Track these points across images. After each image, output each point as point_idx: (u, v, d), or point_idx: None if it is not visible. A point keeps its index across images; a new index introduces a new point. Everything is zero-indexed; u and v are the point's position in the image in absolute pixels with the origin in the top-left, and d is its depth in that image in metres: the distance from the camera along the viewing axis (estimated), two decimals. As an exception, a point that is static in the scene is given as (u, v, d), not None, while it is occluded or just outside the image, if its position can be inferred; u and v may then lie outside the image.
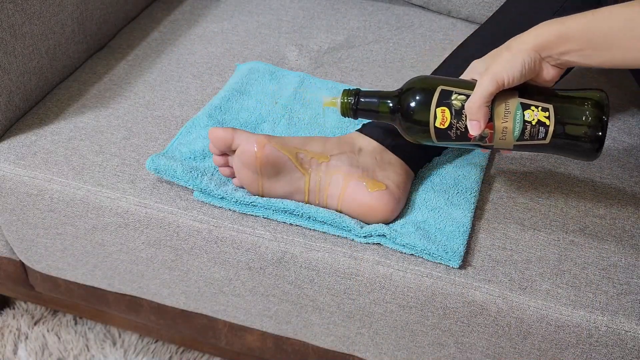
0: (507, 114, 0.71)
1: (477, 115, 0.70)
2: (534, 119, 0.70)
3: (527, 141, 0.71)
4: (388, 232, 0.80)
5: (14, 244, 1.00)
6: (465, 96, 0.72)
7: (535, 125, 0.70)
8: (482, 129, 0.71)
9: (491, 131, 0.72)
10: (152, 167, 0.87)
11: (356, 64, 1.10)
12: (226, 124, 0.96)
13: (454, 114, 0.72)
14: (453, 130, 0.73)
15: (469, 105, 0.71)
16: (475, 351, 0.83)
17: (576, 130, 0.70)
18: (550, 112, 0.70)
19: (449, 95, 0.72)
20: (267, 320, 0.93)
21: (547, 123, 0.70)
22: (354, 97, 0.77)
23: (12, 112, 0.97)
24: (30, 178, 0.91)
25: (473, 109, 0.70)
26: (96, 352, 1.19)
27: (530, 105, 0.70)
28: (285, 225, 0.84)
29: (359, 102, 0.77)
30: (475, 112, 0.70)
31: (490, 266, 0.80)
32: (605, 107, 0.70)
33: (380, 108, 0.77)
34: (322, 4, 1.26)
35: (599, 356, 0.77)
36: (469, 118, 0.71)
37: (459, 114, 0.72)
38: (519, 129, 0.71)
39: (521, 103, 0.71)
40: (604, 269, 0.80)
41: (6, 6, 0.91)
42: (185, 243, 0.87)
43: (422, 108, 0.73)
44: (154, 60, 1.10)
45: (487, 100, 0.70)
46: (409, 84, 0.76)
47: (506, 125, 0.71)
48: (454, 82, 0.74)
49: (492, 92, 0.69)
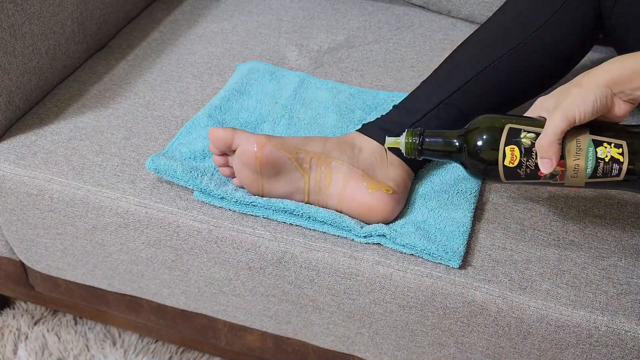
0: (578, 151, 0.70)
1: (549, 152, 0.69)
2: (607, 155, 0.69)
3: (600, 179, 0.70)
4: (388, 232, 0.80)
5: (14, 244, 1.00)
6: (534, 134, 0.71)
7: (609, 162, 0.69)
8: (554, 167, 0.69)
9: (562, 169, 0.70)
10: (152, 167, 0.87)
11: (356, 64, 1.10)
12: (226, 124, 0.96)
13: (524, 152, 0.71)
14: (523, 168, 0.71)
15: (540, 142, 0.69)
16: (475, 351, 0.83)
17: None
18: (624, 148, 0.69)
19: (517, 133, 0.71)
20: (267, 320, 0.93)
21: (620, 160, 0.69)
22: (419, 137, 0.76)
23: (12, 112, 0.97)
24: (30, 178, 0.91)
25: (544, 147, 0.69)
26: (96, 352, 1.19)
27: (602, 142, 0.69)
28: (285, 225, 0.84)
29: (424, 142, 0.76)
30: (546, 149, 0.69)
31: (490, 266, 0.80)
32: None
33: (446, 147, 0.75)
34: (322, 4, 1.26)
35: (599, 356, 0.77)
36: (540, 156, 0.70)
37: (528, 152, 0.71)
38: (591, 166, 0.70)
39: (593, 140, 0.69)
40: (604, 269, 0.80)
41: (6, 6, 0.91)
42: (185, 243, 0.87)
43: (490, 147, 0.72)
44: (154, 60, 1.10)
45: (559, 138, 0.68)
46: (475, 124, 0.74)
47: (578, 162, 0.70)
48: (522, 120, 0.73)
49: (563, 129, 0.68)
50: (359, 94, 1.02)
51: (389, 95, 1.01)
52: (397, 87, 1.05)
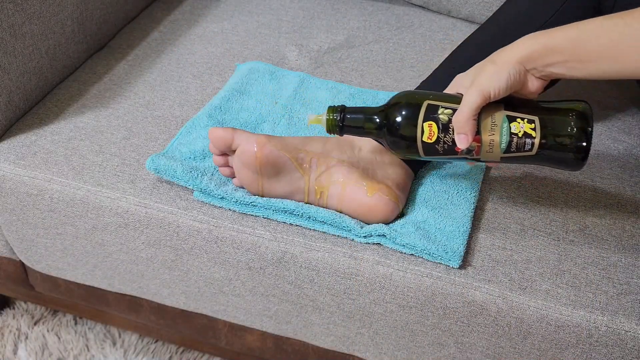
0: (493, 127, 0.71)
1: (465, 128, 0.71)
2: (520, 131, 0.71)
3: (514, 153, 0.72)
4: (388, 232, 0.80)
5: (14, 244, 1.00)
6: (451, 110, 0.72)
7: (522, 137, 0.71)
8: (470, 142, 0.71)
9: (478, 144, 0.72)
10: (152, 167, 0.87)
11: (356, 64, 1.10)
12: (226, 124, 0.96)
13: (441, 128, 0.73)
14: (440, 144, 0.73)
15: (456, 118, 0.71)
16: (475, 351, 0.83)
17: (561, 141, 0.71)
18: (536, 123, 0.71)
19: (435, 109, 0.73)
20: (267, 320, 0.93)
21: (533, 135, 0.71)
22: (340, 113, 0.77)
23: (12, 112, 0.97)
24: (30, 178, 0.91)
25: (460, 123, 0.71)
26: (96, 352, 1.19)
27: (516, 117, 0.71)
28: (285, 225, 0.84)
29: (344, 118, 0.77)
30: (462, 125, 0.71)
31: (490, 266, 0.80)
32: (589, 117, 0.71)
33: (366, 124, 0.77)
34: (322, 4, 1.26)
35: (599, 356, 0.77)
36: (456, 132, 0.72)
37: (446, 128, 0.73)
38: (505, 141, 0.71)
39: (507, 116, 0.71)
40: (604, 269, 0.80)
41: (6, 6, 0.91)
42: (185, 243, 0.87)
43: (409, 123, 0.74)
44: (154, 60, 1.10)
45: (474, 114, 0.70)
46: (394, 99, 0.76)
47: (493, 138, 0.72)
48: (440, 96, 0.75)
49: (478, 105, 0.70)
50: (359, 94, 1.02)
51: (388, 95, 1.01)
52: (397, 87, 1.05)
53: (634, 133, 0.99)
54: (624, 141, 0.98)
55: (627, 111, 1.04)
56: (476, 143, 0.72)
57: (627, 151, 0.96)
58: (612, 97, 1.06)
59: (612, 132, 0.99)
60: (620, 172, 0.92)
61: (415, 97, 0.75)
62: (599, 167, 0.93)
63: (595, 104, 1.04)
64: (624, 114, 1.03)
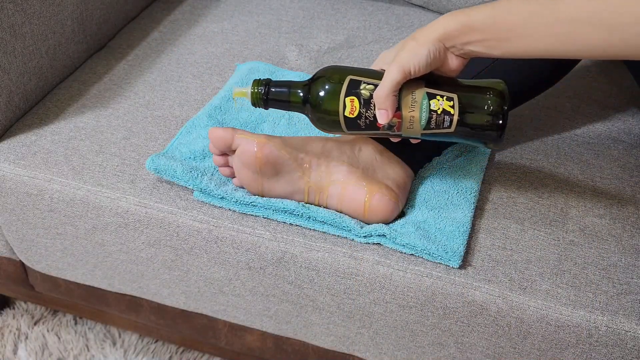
0: (414, 103, 0.72)
1: (385, 104, 0.72)
2: (439, 108, 0.72)
3: (434, 130, 0.73)
4: (388, 232, 0.80)
5: (14, 244, 1.00)
6: (373, 86, 0.73)
7: (441, 114, 0.72)
8: (390, 118, 0.72)
9: (399, 120, 0.73)
10: (152, 167, 0.87)
11: (356, 64, 1.10)
12: (226, 124, 0.96)
13: (363, 103, 0.73)
14: (362, 119, 0.74)
15: (377, 94, 0.72)
16: (475, 351, 0.83)
17: (478, 119, 0.73)
18: (455, 101, 0.72)
19: (357, 84, 0.74)
20: (267, 320, 0.93)
21: (451, 112, 0.72)
22: (265, 86, 0.77)
23: (12, 112, 0.97)
24: (30, 178, 0.91)
25: (381, 98, 0.72)
26: (96, 352, 1.19)
27: (435, 94, 0.72)
28: (285, 225, 0.84)
29: (269, 92, 0.77)
30: (382, 101, 0.72)
31: (490, 266, 0.80)
32: (505, 96, 0.72)
33: (291, 98, 0.77)
34: (322, 4, 1.26)
35: (599, 356, 0.77)
36: (377, 107, 0.73)
37: (367, 103, 0.73)
38: (425, 118, 0.73)
39: (427, 93, 0.72)
40: (604, 269, 0.80)
41: (6, 6, 0.91)
42: (185, 243, 0.87)
43: (331, 97, 0.74)
44: (154, 60, 1.10)
45: (394, 90, 0.71)
46: (318, 73, 0.76)
47: (413, 114, 0.73)
48: (363, 71, 0.75)
49: (399, 81, 0.71)
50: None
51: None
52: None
53: (634, 133, 0.99)
54: (624, 141, 0.98)
55: (627, 111, 1.04)
56: (397, 119, 0.73)
57: (627, 151, 0.96)
58: (612, 97, 1.06)
59: (612, 132, 0.99)
60: (620, 172, 0.92)
61: (338, 71, 0.75)
62: (599, 167, 0.93)
63: (595, 104, 1.04)
64: (624, 114, 1.03)
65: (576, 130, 1.00)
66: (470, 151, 0.93)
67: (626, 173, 0.92)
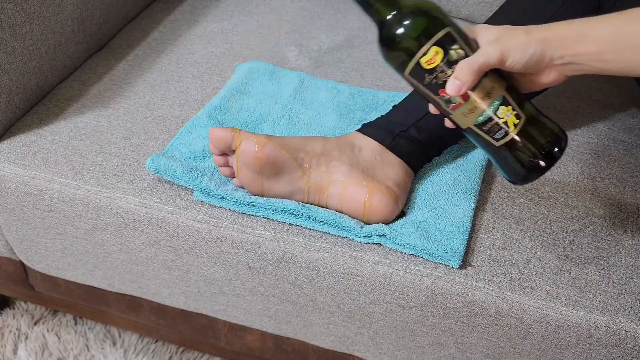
0: (487, 96, 0.67)
1: (466, 77, 0.66)
2: (503, 117, 0.67)
3: (483, 132, 0.68)
4: (388, 232, 0.80)
5: (14, 244, 1.00)
6: (464, 52, 0.67)
7: (502, 124, 0.67)
8: (460, 93, 0.66)
9: (462, 102, 0.67)
10: (152, 167, 0.87)
11: (356, 64, 1.10)
12: (226, 124, 0.96)
13: (445, 61, 0.67)
14: (432, 75, 0.67)
15: (463, 64, 0.66)
16: (475, 351, 0.83)
17: (527, 152, 0.68)
18: (521, 122, 0.67)
19: (452, 42, 0.67)
20: (267, 320, 0.93)
21: (510, 129, 0.67)
22: None
23: (12, 112, 0.97)
24: (30, 178, 0.91)
25: (465, 70, 0.66)
26: (96, 352, 1.19)
27: (509, 103, 0.67)
28: (285, 225, 0.84)
29: None
30: (465, 73, 0.66)
31: (490, 266, 0.80)
32: (564, 145, 0.68)
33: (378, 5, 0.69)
34: (322, 4, 1.26)
35: (599, 356, 0.77)
36: (455, 75, 0.66)
37: (449, 65, 0.67)
38: (486, 116, 0.67)
39: (504, 96, 0.67)
40: (604, 269, 0.80)
41: (6, 6, 0.91)
42: (185, 243, 0.87)
43: (420, 34, 0.67)
44: (154, 60, 1.10)
45: (483, 69, 0.66)
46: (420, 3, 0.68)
47: (479, 105, 0.67)
48: (462, 33, 0.68)
49: (492, 65, 0.66)
50: (359, 94, 1.02)
51: (388, 95, 1.01)
52: (397, 87, 1.05)
53: (634, 133, 0.99)
54: (624, 141, 0.98)
55: (627, 111, 1.04)
56: (462, 99, 0.67)
57: (627, 151, 0.96)
58: (612, 97, 1.06)
59: (612, 132, 0.99)
60: (620, 172, 0.92)
61: (441, 15, 0.68)
62: (599, 167, 0.93)
63: (595, 104, 1.04)
64: (624, 114, 1.03)
65: (576, 130, 1.00)
66: (471, 151, 0.93)
67: (626, 173, 0.92)
